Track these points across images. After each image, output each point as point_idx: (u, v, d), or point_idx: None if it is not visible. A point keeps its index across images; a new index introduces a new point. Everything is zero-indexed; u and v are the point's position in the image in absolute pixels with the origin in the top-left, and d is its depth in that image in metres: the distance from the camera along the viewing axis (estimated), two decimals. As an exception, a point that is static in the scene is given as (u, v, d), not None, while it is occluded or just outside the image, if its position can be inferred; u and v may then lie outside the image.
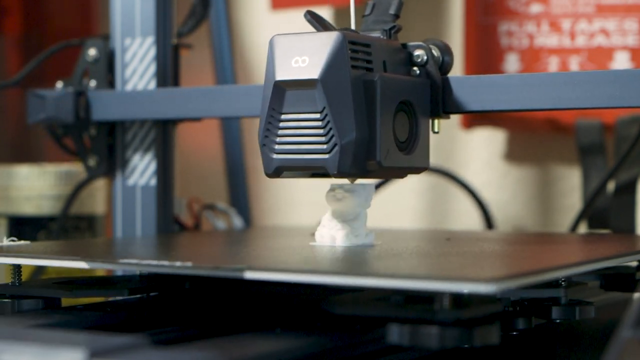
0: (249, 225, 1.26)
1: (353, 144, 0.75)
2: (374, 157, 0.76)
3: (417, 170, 0.81)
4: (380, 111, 0.76)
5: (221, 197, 1.30)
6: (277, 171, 0.77)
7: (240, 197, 1.28)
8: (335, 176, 0.76)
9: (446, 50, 0.83)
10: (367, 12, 0.83)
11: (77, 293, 0.74)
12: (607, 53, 1.15)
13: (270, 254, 0.77)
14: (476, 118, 1.22)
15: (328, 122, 0.75)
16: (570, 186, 1.25)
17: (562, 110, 0.81)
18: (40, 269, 1.03)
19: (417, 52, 0.82)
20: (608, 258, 0.74)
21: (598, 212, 1.12)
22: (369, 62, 0.77)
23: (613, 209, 1.11)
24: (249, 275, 0.63)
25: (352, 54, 0.75)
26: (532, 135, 1.25)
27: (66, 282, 0.77)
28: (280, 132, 0.77)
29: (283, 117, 0.76)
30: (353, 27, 0.81)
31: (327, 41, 0.75)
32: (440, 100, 0.82)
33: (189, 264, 0.65)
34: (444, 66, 0.83)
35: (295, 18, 0.81)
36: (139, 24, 1.02)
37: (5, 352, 0.54)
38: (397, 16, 0.82)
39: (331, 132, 0.75)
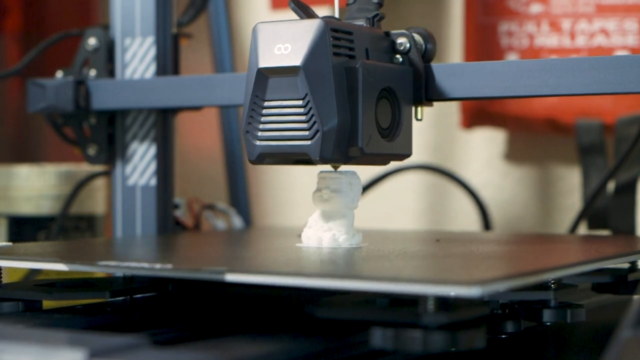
0: (249, 225, 1.26)
1: (335, 130, 0.75)
2: (356, 144, 0.76)
3: (399, 157, 0.81)
4: (362, 98, 0.75)
5: (221, 197, 1.30)
6: (260, 158, 0.77)
7: (240, 197, 1.27)
8: (318, 162, 0.76)
9: (429, 38, 0.83)
10: (351, 0, 0.83)
11: (58, 295, 0.74)
12: (607, 53, 1.14)
13: (255, 256, 0.77)
14: (476, 118, 1.21)
15: (310, 108, 0.75)
16: (570, 186, 1.24)
17: (536, 97, 0.81)
18: (35, 271, 1.02)
19: (400, 40, 0.82)
20: (599, 260, 0.73)
21: (598, 212, 1.12)
22: (351, 49, 0.77)
23: (613, 209, 1.11)
24: (229, 277, 0.62)
25: (334, 41, 0.75)
26: (532, 135, 1.24)
27: (47, 284, 0.76)
28: (263, 119, 0.77)
29: (266, 104, 0.76)
30: (337, 15, 0.81)
31: (309, 29, 0.75)
32: (423, 88, 0.82)
33: (169, 266, 0.65)
34: (427, 54, 0.83)
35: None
36: (139, 21, 1.01)
37: (5, 352, 0.54)
38: (380, 5, 0.82)
39: (313, 119, 0.75)
